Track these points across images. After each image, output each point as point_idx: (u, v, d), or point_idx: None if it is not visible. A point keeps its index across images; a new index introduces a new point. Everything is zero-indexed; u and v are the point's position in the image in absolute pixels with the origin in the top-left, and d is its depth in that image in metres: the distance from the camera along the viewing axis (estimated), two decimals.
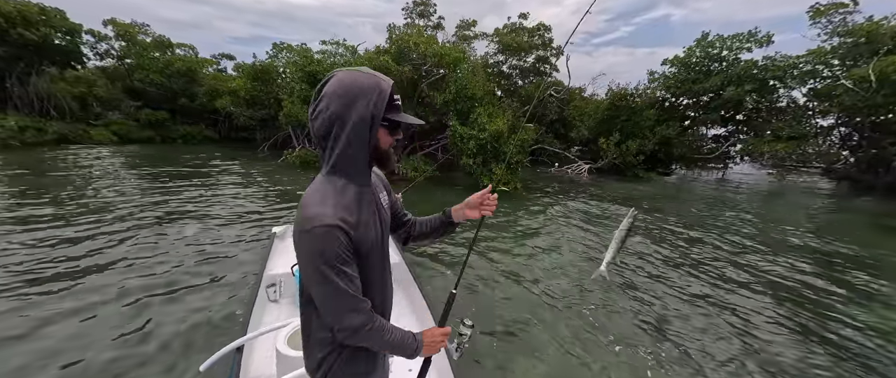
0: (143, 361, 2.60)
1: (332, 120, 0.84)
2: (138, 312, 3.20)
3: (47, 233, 5.05)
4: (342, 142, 0.85)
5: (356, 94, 0.83)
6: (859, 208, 9.91)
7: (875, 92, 10.92)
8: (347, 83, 0.83)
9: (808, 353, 3.05)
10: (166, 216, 6.23)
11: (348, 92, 0.83)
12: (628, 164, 14.14)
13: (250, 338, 2.05)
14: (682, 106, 16.86)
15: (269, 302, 2.80)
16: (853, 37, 12.20)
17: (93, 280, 3.75)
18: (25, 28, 16.14)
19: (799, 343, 3.19)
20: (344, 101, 0.83)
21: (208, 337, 2.88)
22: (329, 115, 0.83)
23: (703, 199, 10.35)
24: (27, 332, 2.85)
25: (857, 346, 3.17)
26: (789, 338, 3.27)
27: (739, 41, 14.65)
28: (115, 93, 21.15)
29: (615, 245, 1.53)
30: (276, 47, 17.31)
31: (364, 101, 0.83)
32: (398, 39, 13.02)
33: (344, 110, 0.83)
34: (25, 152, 13.64)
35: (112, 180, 9.26)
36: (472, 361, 2.71)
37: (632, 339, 3.14)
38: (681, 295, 4.01)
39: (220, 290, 3.67)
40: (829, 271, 4.95)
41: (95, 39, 21.23)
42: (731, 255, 5.43)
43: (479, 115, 10.35)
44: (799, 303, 3.94)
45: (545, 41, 18.94)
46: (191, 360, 2.58)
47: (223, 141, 23.69)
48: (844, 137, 14.05)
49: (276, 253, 3.40)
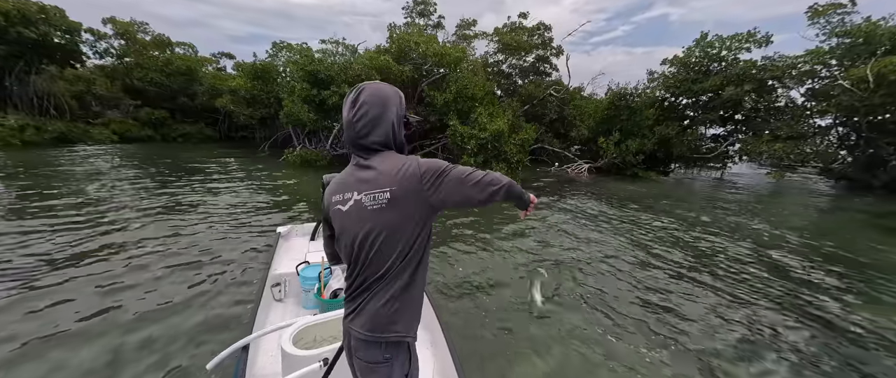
0: (149, 360, 2.63)
1: (374, 120, 1.12)
2: (143, 311, 3.24)
3: (48, 231, 5.08)
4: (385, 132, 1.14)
5: (388, 98, 1.15)
6: (856, 208, 9.99)
7: (873, 92, 10.99)
8: (379, 91, 1.15)
9: (796, 346, 3.11)
10: (167, 217, 6.26)
11: (384, 99, 1.14)
12: (628, 164, 14.20)
13: (256, 337, 2.07)
14: (681, 106, 16.92)
15: (275, 301, 2.83)
16: (851, 37, 12.27)
17: (95, 280, 3.78)
18: (25, 26, 16.11)
19: (789, 332, 3.25)
20: (383, 106, 1.14)
21: (214, 335, 2.92)
22: (372, 116, 1.12)
23: (701, 198, 10.42)
24: (39, 337, 2.88)
25: (849, 342, 3.24)
26: (779, 326, 3.33)
27: (738, 41, 14.71)
28: (115, 91, 21.15)
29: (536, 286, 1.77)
30: (276, 46, 17.30)
31: (395, 103, 1.17)
32: (399, 39, 13.04)
33: (382, 111, 1.13)
34: (25, 151, 13.64)
35: (112, 180, 9.28)
36: (472, 358, 2.76)
37: (633, 331, 3.19)
38: (677, 288, 4.07)
39: (224, 288, 3.70)
40: (823, 268, 5.01)
41: (95, 38, 21.21)
42: (726, 251, 5.49)
43: (480, 114, 10.40)
44: (792, 297, 4.00)
45: (545, 40, 18.96)
46: (197, 358, 2.62)
47: (223, 140, 23.70)
48: (842, 137, 14.12)
49: (281, 253, 3.41)
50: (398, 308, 1.11)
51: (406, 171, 1.08)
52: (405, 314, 1.13)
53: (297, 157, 13.57)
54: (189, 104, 23.03)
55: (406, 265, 1.11)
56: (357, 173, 1.14)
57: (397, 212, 1.07)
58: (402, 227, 1.08)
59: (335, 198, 1.17)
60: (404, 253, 1.09)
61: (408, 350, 1.19)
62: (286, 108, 13.26)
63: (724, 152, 15.52)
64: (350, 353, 1.24)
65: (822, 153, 13.49)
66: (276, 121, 17.74)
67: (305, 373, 1.64)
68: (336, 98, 12.30)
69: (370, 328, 1.11)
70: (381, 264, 1.09)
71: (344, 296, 1.25)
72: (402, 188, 1.07)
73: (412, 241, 1.10)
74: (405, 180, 1.07)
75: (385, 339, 1.11)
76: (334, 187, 1.19)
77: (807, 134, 13.61)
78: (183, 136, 22.01)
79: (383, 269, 1.09)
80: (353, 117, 1.12)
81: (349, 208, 1.12)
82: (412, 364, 1.21)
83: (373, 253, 1.09)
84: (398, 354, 1.16)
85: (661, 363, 2.86)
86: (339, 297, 2.58)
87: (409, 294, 1.12)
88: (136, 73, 21.35)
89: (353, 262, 1.15)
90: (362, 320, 1.12)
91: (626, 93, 14.66)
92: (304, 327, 1.94)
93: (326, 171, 6.11)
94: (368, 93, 1.12)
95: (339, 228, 1.17)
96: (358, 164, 1.15)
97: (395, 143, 1.17)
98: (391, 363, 1.15)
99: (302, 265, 2.87)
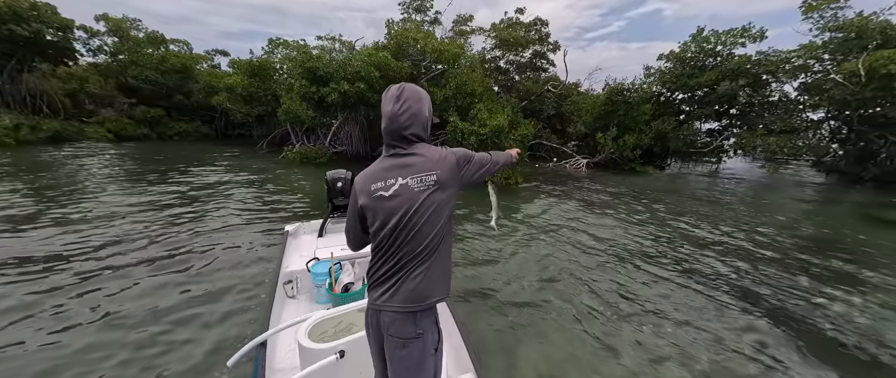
0: (169, 358, 2.71)
1: (415, 114, 1.31)
2: (158, 311, 3.31)
3: (58, 233, 5.12)
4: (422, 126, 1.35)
5: (424, 97, 1.36)
6: (846, 199, 10.20)
7: (864, 86, 11.14)
8: (418, 91, 1.36)
9: (782, 334, 3.25)
10: (167, 216, 6.28)
11: (422, 96, 1.35)
12: (625, 159, 14.33)
13: (272, 333, 2.10)
14: (677, 101, 17.04)
15: (288, 298, 2.90)
16: (844, 32, 12.40)
17: (105, 283, 3.84)
18: (16, 24, 15.85)
19: (778, 321, 3.40)
20: (421, 102, 1.34)
21: (232, 332, 3.00)
22: (414, 111, 1.31)
23: (697, 191, 10.58)
24: (50, 340, 2.95)
25: (835, 326, 3.39)
26: (768, 316, 3.48)
27: (733, 36, 14.81)
28: (109, 90, 20.90)
29: (495, 204, 1.91)
30: (273, 43, 17.16)
31: (428, 101, 1.37)
32: (397, 35, 13.01)
33: (421, 107, 1.33)
34: (21, 150, 13.53)
35: (112, 179, 9.27)
36: (481, 341, 2.87)
37: (633, 321, 3.33)
38: (674, 278, 4.21)
39: (236, 287, 3.76)
40: (814, 257, 5.17)
41: (88, 35, 20.91)
42: (722, 244, 5.64)
43: (480, 110, 10.46)
44: (781, 285, 4.15)
45: (542, 36, 18.95)
46: (217, 355, 2.70)
47: (220, 138, 23.54)
48: (834, 131, 14.32)
49: (291, 250, 3.48)
50: (434, 277, 1.27)
51: (446, 157, 1.30)
52: (441, 281, 1.30)
53: (296, 155, 13.56)
54: (185, 102, 22.81)
55: (442, 239, 1.28)
56: (396, 161, 1.30)
57: (441, 192, 1.27)
58: (444, 205, 1.27)
59: (375, 185, 1.30)
60: (442, 228, 1.28)
61: (436, 324, 1.33)
62: (284, 106, 13.21)
63: (719, 146, 15.70)
64: (379, 333, 1.34)
65: (814, 147, 13.68)
66: (273, 118, 17.66)
67: (323, 365, 1.69)
68: (335, 95, 12.28)
69: (411, 300, 1.25)
70: (421, 241, 1.25)
71: (367, 283, 1.36)
72: (445, 172, 1.28)
73: (448, 216, 1.30)
74: (447, 164, 1.29)
75: (425, 307, 1.26)
76: (370, 177, 1.32)
77: (800, 128, 13.78)
78: (179, 135, 21.83)
79: (422, 246, 1.25)
80: (398, 110, 1.29)
81: (394, 191, 1.26)
82: (439, 336, 1.35)
83: (415, 231, 1.24)
84: (429, 328, 1.29)
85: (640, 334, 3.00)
86: (351, 291, 2.67)
87: (443, 263, 1.30)
88: (130, 70, 21.10)
89: (388, 245, 1.28)
90: (401, 297, 1.25)
91: (623, 88, 14.75)
92: (319, 321, 2.00)
93: (326, 168, 6.18)
94: (410, 90, 1.32)
95: (379, 213, 1.29)
96: (396, 154, 1.31)
97: (426, 136, 1.36)
98: (424, 338, 1.26)
99: (312, 261, 2.94)
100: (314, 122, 13.69)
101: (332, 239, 3.59)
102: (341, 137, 15.50)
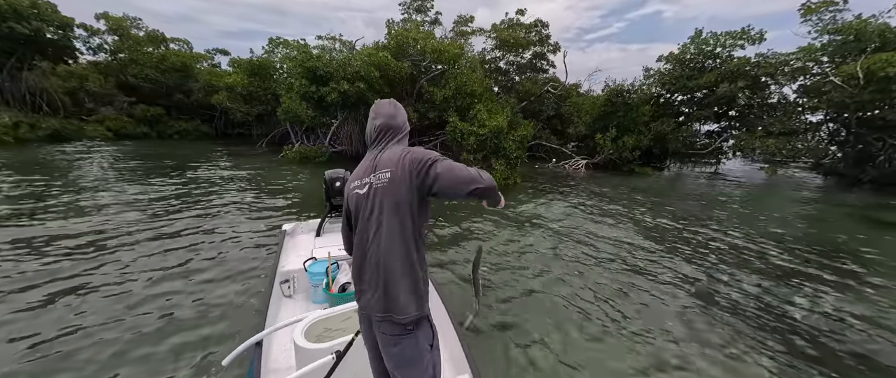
0: (164, 357, 2.71)
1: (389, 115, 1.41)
2: (153, 311, 3.31)
3: (58, 233, 5.12)
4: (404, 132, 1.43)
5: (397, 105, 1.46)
6: (845, 201, 10.22)
7: (862, 88, 11.17)
8: (391, 101, 1.47)
9: (778, 334, 3.26)
10: (166, 213, 6.29)
11: (395, 105, 1.45)
12: (624, 160, 14.35)
13: (268, 332, 2.10)
14: (676, 102, 17.07)
15: (284, 297, 2.88)
16: (842, 34, 12.43)
17: (99, 281, 3.84)
18: (17, 22, 15.85)
19: (775, 320, 3.41)
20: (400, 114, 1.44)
21: (227, 332, 3.00)
22: (387, 112, 1.41)
23: (696, 193, 10.60)
24: (46, 337, 2.95)
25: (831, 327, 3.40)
26: (767, 316, 3.49)
27: (733, 38, 14.84)
28: (109, 88, 20.90)
29: (476, 288, 1.85)
30: (273, 42, 17.17)
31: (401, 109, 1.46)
32: (397, 35, 13.02)
33: (394, 111, 1.43)
34: (21, 149, 13.52)
35: (111, 179, 9.27)
36: (479, 342, 2.87)
37: (631, 320, 3.33)
38: (674, 278, 4.22)
39: (232, 286, 3.77)
40: (812, 258, 5.18)
41: (88, 33, 20.90)
42: (719, 245, 5.65)
43: (479, 111, 10.46)
44: (779, 284, 4.17)
45: (542, 37, 18.97)
46: (215, 354, 2.69)
47: (219, 137, 23.55)
48: (833, 133, 14.35)
49: (288, 249, 3.47)
50: (408, 286, 1.24)
51: (403, 157, 1.28)
52: (414, 294, 1.26)
53: (295, 154, 13.57)
54: (185, 101, 22.82)
55: (406, 243, 1.25)
56: (370, 161, 1.37)
57: (395, 191, 1.24)
58: (403, 205, 1.24)
59: (354, 184, 1.38)
60: (404, 232, 1.24)
61: (427, 320, 1.32)
62: (284, 105, 13.21)
63: (718, 148, 15.72)
64: (372, 333, 1.35)
65: (813, 149, 13.70)
66: (273, 117, 17.66)
67: (318, 365, 1.69)
68: (335, 94, 12.29)
69: (385, 309, 1.25)
70: (390, 245, 1.24)
71: (354, 286, 1.38)
72: (398, 171, 1.25)
73: (412, 218, 1.25)
74: (401, 164, 1.26)
75: (401, 320, 1.24)
76: (353, 177, 1.42)
77: (798, 130, 13.80)
78: (179, 134, 21.83)
79: (390, 249, 1.24)
80: (373, 115, 1.43)
81: (366, 191, 1.32)
82: (433, 332, 1.34)
83: (380, 231, 1.25)
84: (419, 325, 1.29)
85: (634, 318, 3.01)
86: (348, 291, 2.67)
87: (414, 273, 1.26)
88: (130, 69, 21.10)
89: (361, 244, 1.31)
90: (379, 303, 1.26)
91: (623, 89, 14.76)
92: (315, 321, 2.00)
93: (326, 167, 6.18)
94: (384, 102, 1.46)
95: (354, 211, 1.36)
96: (371, 154, 1.40)
97: (398, 135, 1.42)
98: (415, 334, 1.27)
99: (309, 261, 2.94)
100: (314, 122, 13.70)
101: (329, 238, 3.59)
102: (341, 137, 15.50)
